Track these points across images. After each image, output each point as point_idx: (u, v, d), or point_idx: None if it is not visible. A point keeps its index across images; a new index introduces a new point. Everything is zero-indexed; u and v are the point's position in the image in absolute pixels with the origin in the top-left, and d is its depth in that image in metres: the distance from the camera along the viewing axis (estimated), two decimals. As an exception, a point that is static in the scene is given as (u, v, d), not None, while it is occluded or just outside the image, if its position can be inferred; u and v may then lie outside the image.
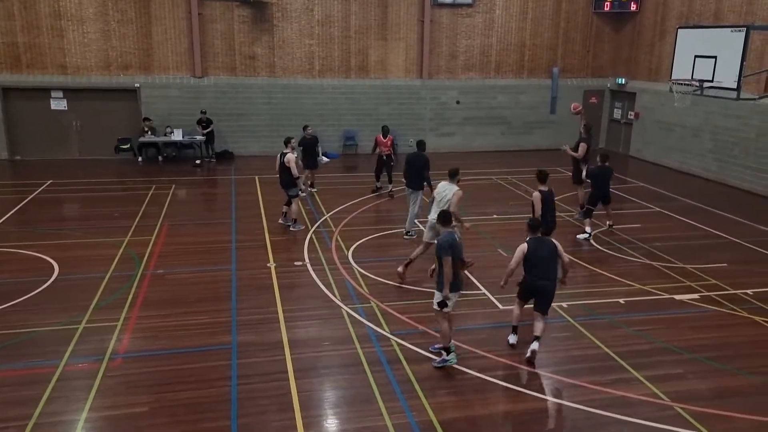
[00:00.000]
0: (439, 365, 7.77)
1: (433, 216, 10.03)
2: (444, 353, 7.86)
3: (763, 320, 9.28)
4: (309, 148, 16.05)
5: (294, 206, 13.24)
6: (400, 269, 10.51)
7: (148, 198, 15.60)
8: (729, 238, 13.19)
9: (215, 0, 20.14)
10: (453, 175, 10.33)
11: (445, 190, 10.19)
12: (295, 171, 12.87)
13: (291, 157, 12.90)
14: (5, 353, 8.02)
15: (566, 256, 8.17)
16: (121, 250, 11.75)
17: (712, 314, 9.55)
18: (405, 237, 12.82)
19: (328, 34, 21.25)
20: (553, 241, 8.24)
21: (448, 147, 22.11)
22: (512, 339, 8.47)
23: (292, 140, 13.39)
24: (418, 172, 12.81)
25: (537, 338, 8.00)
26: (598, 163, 13.01)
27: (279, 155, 13.14)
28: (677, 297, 10.12)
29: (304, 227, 13.38)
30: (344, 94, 21.69)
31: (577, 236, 12.82)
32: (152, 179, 17.65)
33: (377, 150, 16.40)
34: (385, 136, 16.25)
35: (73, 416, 6.71)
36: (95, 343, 8.27)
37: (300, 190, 13.47)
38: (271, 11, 20.59)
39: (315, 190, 16.61)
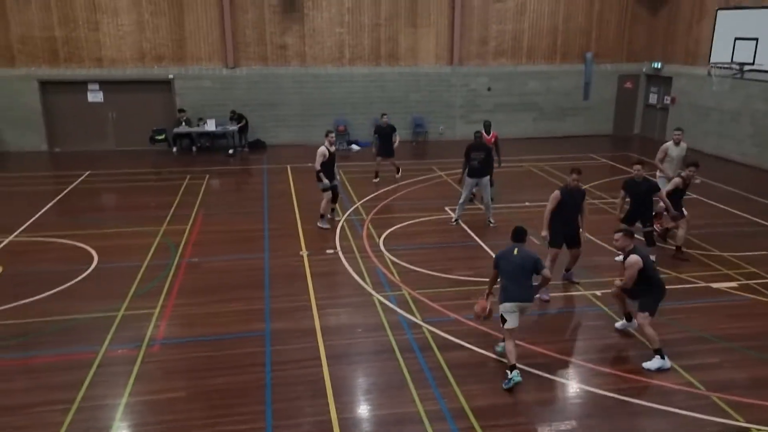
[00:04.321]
0: (508, 387, 7.07)
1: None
2: (508, 372, 7.15)
3: (803, 309, 9.07)
4: (385, 136, 16.06)
5: (323, 202, 12.68)
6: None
7: (183, 188, 15.87)
8: (768, 225, 12.90)
9: (246, -10, 20.29)
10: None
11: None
12: (317, 164, 12.30)
13: (319, 150, 12.34)
14: (48, 339, 8.28)
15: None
16: (157, 239, 12.00)
17: (750, 303, 9.37)
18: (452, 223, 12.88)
19: (358, 22, 21.23)
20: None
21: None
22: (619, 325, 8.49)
23: (331, 134, 12.67)
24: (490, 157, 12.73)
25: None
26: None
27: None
28: (714, 285, 9.94)
29: (328, 227, 12.73)
30: (374, 82, 21.68)
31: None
32: (187, 169, 17.93)
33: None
34: (488, 133, 14.39)
35: (114, 400, 6.92)
36: (134, 330, 8.48)
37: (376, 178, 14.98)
38: (301, 0, 20.65)
39: (399, 176, 16.56)
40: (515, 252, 7.38)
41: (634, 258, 7.52)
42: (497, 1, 21.79)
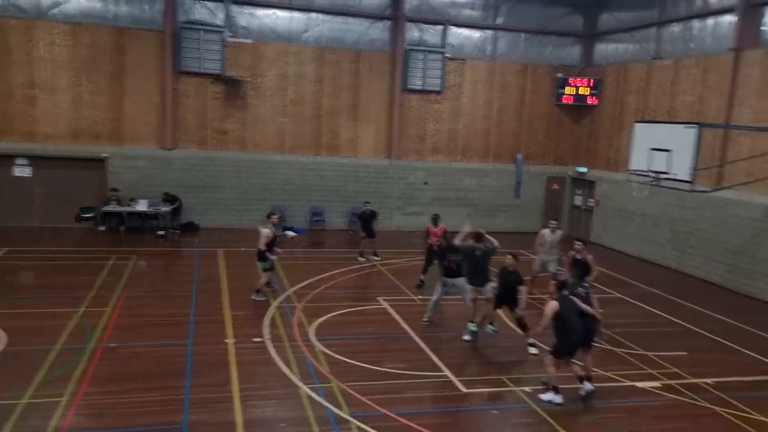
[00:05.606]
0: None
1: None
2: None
3: (723, 410, 9.27)
4: (366, 221, 17.66)
5: (263, 277, 13.36)
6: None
7: (107, 268, 15.24)
8: (688, 326, 13.36)
9: (190, 76, 20.49)
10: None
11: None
12: (261, 244, 13.04)
13: (262, 231, 13.18)
14: (-62, 429, 7.54)
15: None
16: (73, 321, 11.34)
17: (674, 403, 9.52)
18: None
19: (300, 113, 21.69)
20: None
21: (415, 226, 22.25)
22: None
23: (273, 216, 13.69)
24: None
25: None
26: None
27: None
28: (639, 384, 10.10)
29: (264, 299, 13.27)
30: (313, 171, 21.93)
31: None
32: (113, 249, 17.30)
33: (427, 241, 15.21)
34: (436, 225, 15.09)
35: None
36: (37, 419, 7.82)
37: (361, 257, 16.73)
38: (244, 89, 21.00)
39: (378, 259, 17.56)
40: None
41: (553, 303, 9.04)
42: (434, 102, 22.79)
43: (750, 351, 11.96)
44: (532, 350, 11.13)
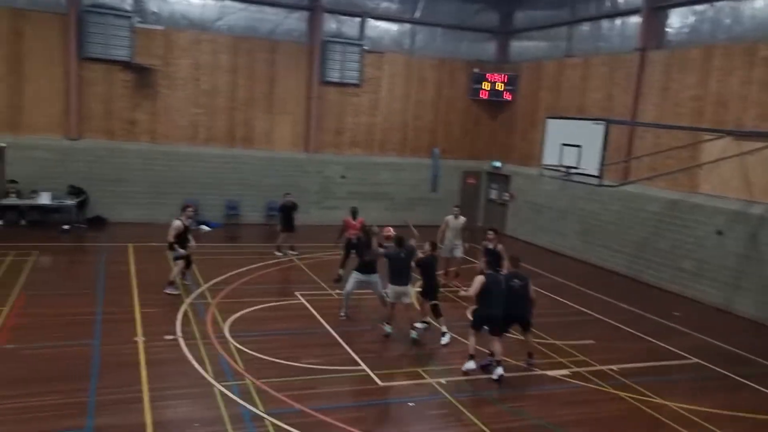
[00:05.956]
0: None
1: None
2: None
3: (626, 395, 9.74)
4: (287, 213, 17.15)
5: (175, 269, 13.14)
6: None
7: (5, 265, 14.29)
8: (595, 315, 13.96)
9: (97, 62, 19.49)
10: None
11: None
12: (170, 236, 12.84)
13: (173, 224, 12.99)
14: None
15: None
16: (-35, 323, 10.57)
17: (582, 390, 9.91)
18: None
19: (214, 104, 21.09)
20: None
21: (332, 220, 21.98)
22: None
23: (188, 209, 13.39)
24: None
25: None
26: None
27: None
28: (549, 373, 10.45)
29: (178, 293, 12.96)
30: (228, 164, 21.37)
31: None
32: (11, 245, 16.19)
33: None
34: (354, 218, 15.09)
35: None
36: None
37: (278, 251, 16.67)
38: (155, 78, 20.18)
39: (295, 253, 17.19)
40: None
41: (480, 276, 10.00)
42: (352, 95, 22.72)
43: (651, 338, 12.63)
44: (444, 340, 11.33)
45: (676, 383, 10.50)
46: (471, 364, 10.07)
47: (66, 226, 18.67)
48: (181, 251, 13.04)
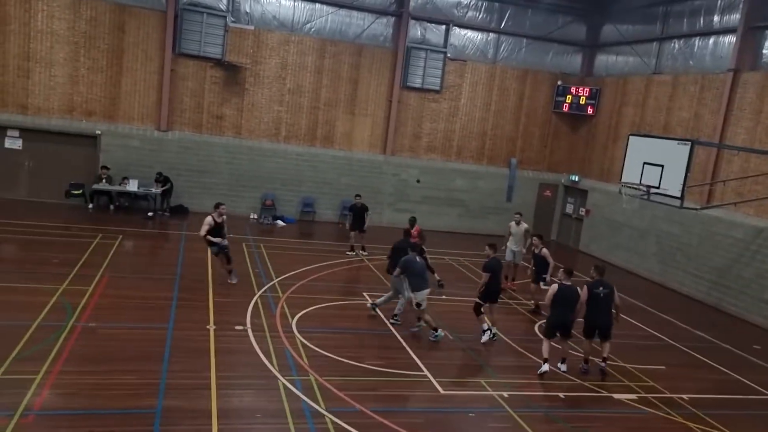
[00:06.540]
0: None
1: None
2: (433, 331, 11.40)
3: (697, 426, 9.33)
4: (358, 214, 17.67)
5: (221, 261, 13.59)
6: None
7: (92, 247, 15.14)
8: (668, 341, 13.44)
9: (190, 58, 20.37)
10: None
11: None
12: (202, 231, 13.00)
13: (206, 220, 13.09)
14: None
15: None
16: (54, 299, 11.26)
17: (649, 416, 9.57)
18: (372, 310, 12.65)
19: (298, 103, 21.63)
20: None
21: (405, 223, 22.23)
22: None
23: (222, 206, 13.45)
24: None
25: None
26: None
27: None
28: (616, 396, 10.15)
29: (238, 279, 13.60)
30: (307, 161, 21.87)
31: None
32: (100, 228, 17.18)
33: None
34: (412, 227, 15.05)
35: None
36: (8, 396, 7.75)
37: (351, 251, 17.52)
38: (243, 75, 20.91)
39: (366, 254, 17.61)
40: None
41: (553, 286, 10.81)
42: (432, 101, 22.77)
43: (728, 369, 12.04)
44: (484, 338, 11.69)
45: (753, 419, 9.97)
46: (545, 368, 10.46)
47: (150, 213, 19.60)
48: (217, 241, 13.08)
